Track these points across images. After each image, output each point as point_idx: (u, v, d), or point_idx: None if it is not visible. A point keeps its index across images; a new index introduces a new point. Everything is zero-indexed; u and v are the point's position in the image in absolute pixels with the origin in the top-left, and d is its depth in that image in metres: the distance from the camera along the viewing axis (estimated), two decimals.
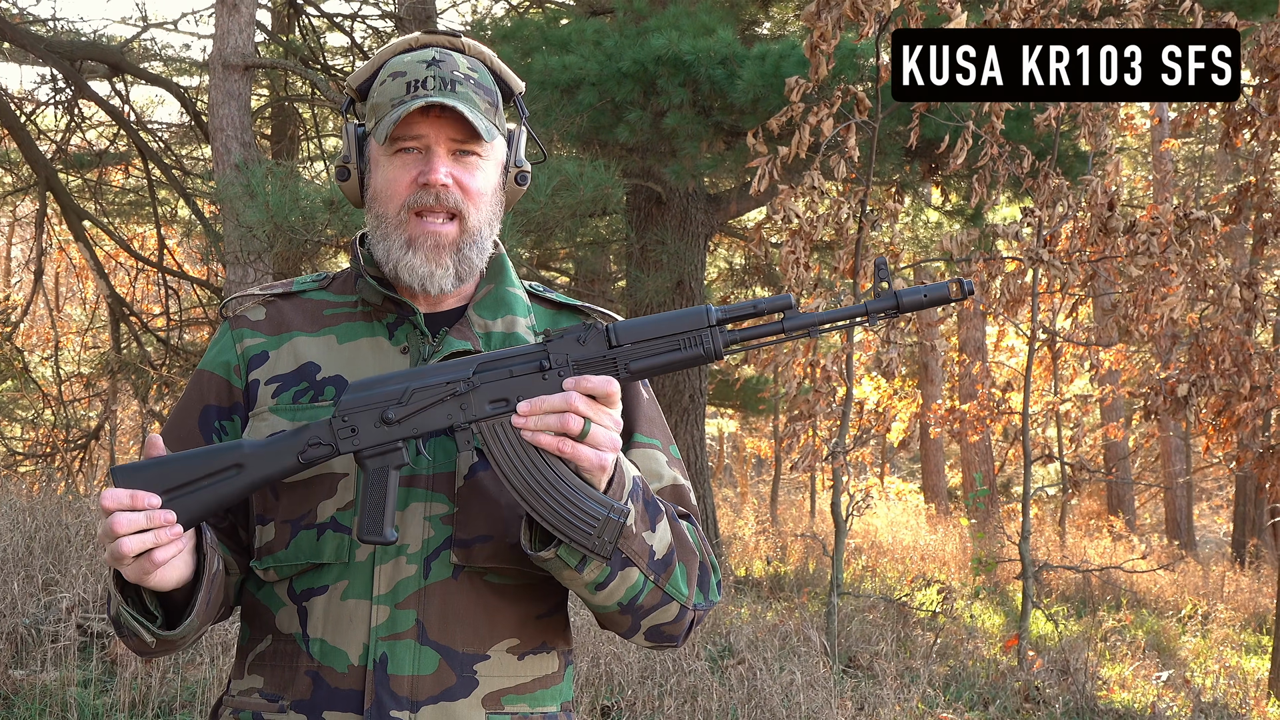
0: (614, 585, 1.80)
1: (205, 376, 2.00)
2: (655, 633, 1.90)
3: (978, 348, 19.98)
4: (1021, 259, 7.70)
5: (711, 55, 8.64)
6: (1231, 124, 7.75)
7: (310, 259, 8.56)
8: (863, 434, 12.94)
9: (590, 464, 1.71)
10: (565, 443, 1.70)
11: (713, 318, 1.77)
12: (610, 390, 1.71)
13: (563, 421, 1.69)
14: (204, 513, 1.75)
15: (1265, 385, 8.09)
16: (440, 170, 1.91)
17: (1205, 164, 21.74)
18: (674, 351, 1.77)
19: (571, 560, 1.76)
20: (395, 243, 1.93)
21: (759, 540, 14.27)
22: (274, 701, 1.88)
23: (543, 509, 1.72)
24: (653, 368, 1.78)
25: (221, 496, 1.75)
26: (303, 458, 1.76)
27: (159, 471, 1.74)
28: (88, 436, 11.65)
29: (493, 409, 1.75)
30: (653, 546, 1.81)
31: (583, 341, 1.76)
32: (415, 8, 10.68)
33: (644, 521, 1.80)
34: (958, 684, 7.75)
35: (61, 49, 10.89)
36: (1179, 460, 20.61)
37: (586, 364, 1.76)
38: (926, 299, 1.78)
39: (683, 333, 1.77)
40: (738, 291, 15.08)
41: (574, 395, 1.70)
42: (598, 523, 1.72)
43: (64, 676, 5.34)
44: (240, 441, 1.78)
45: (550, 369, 1.75)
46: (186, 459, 1.76)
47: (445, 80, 1.92)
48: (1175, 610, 12.68)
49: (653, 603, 1.84)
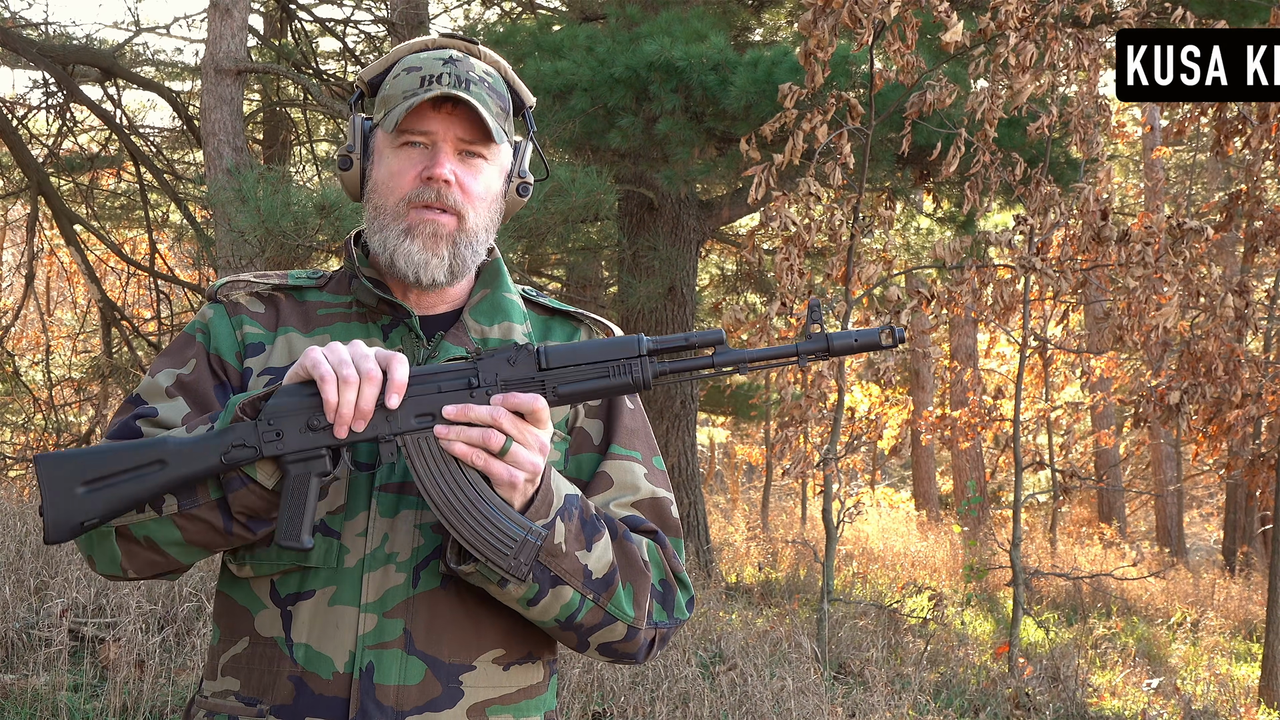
0: (546, 602, 1.80)
1: (213, 359, 1.96)
2: (607, 649, 1.90)
3: (969, 355, 20.00)
4: (1013, 266, 7.71)
5: (704, 61, 8.65)
6: (1223, 132, 7.78)
7: (302, 264, 8.55)
8: (854, 440, 12.95)
9: (501, 480, 1.71)
10: (478, 454, 1.70)
11: (644, 348, 1.78)
12: (537, 408, 1.71)
13: (484, 436, 1.69)
14: (124, 506, 1.74)
15: (1256, 393, 8.12)
16: (445, 166, 1.91)
17: (1197, 171, 21.80)
18: (602, 378, 1.78)
19: (491, 578, 1.76)
20: (393, 231, 1.92)
21: (750, 546, 14.27)
22: (252, 705, 1.86)
23: (461, 527, 1.72)
24: (580, 393, 1.78)
25: (143, 490, 1.74)
26: (225, 458, 1.73)
27: (80, 463, 1.74)
28: (78, 441, 11.62)
29: (418, 423, 1.75)
30: (587, 566, 1.80)
31: (512, 362, 1.77)
32: (408, 13, 10.69)
33: (578, 541, 1.79)
34: (948, 691, 7.75)
35: (53, 53, 10.87)
36: (1170, 467, 20.64)
37: (515, 384, 1.76)
38: (857, 344, 1.78)
39: (613, 360, 1.78)
40: (730, 297, 15.09)
41: (500, 411, 1.70)
42: (514, 544, 1.72)
43: (55, 681, 5.32)
44: (165, 437, 1.75)
45: (479, 387, 1.75)
46: (109, 451, 1.75)
47: (460, 78, 1.92)
48: (1166, 617, 12.70)
49: (594, 621, 1.84)
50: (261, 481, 1.75)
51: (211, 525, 1.78)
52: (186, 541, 1.80)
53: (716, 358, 1.80)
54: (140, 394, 1.94)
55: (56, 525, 1.75)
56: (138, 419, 1.89)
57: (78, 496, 1.74)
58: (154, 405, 1.91)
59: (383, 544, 1.85)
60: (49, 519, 1.74)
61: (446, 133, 1.92)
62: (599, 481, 1.96)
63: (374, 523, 1.86)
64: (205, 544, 1.81)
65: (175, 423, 1.88)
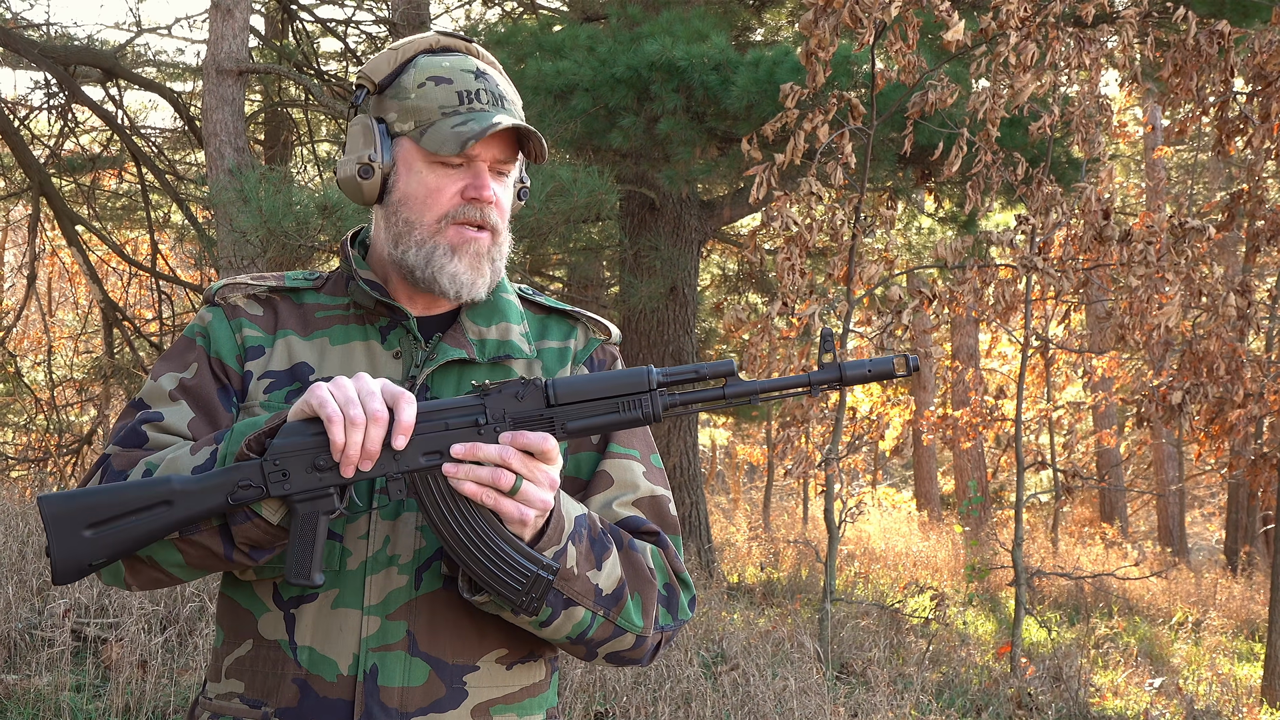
0: (559, 623, 1.81)
1: (214, 363, 1.96)
2: (614, 658, 1.91)
3: (970, 354, 20.00)
4: (1015, 266, 7.71)
5: (705, 61, 8.64)
6: (1224, 131, 7.77)
7: (304, 264, 8.55)
8: (856, 440, 12.95)
9: (511, 518, 1.70)
10: (488, 493, 1.69)
11: (654, 381, 1.77)
12: (547, 448, 1.70)
13: (494, 476, 1.69)
14: (130, 547, 1.73)
15: (1258, 393, 8.11)
16: (491, 187, 1.91)
17: (1198, 171, 21.80)
18: (612, 414, 1.77)
19: (505, 606, 1.77)
20: (438, 249, 1.91)
21: (751, 547, 14.27)
22: (256, 708, 1.86)
23: (473, 563, 1.72)
24: (590, 428, 1.77)
25: (150, 530, 1.73)
26: (232, 499, 1.72)
27: (88, 502, 1.73)
28: (80, 441, 11.61)
29: (426, 461, 1.73)
30: (598, 585, 1.81)
31: (520, 397, 1.75)
32: (409, 13, 10.69)
33: (588, 561, 1.80)
34: (950, 691, 7.75)
35: (55, 54, 10.87)
36: (1172, 467, 20.64)
37: (523, 420, 1.75)
38: (870, 373, 1.78)
39: (623, 395, 1.77)
40: (731, 297, 15.08)
41: (510, 450, 1.69)
42: (526, 579, 1.72)
43: (57, 681, 5.32)
44: (169, 477, 1.74)
45: (487, 424, 1.74)
46: (115, 491, 1.73)
47: (496, 96, 1.93)
48: (1168, 617, 12.69)
49: (604, 635, 1.85)
50: (267, 518, 1.75)
51: (212, 551, 1.78)
52: (188, 564, 1.80)
53: (728, 389, 1.79)
54: (143, 398, 1.94)
55: (64, 567, 1.73)
56: (144, 424, 1.88)
57: (84, 538, 1.73)
58: (158, 409, 1.91)
59: (384, 546, 1.85)
60: (56, 560, 1.73)
61: (487, 153, 1.92)
62: (599, 480, 1.95)
63: (375, 526, 1.86)
64: (206, 567, 1.81)
65: (180, 428, 1.88)
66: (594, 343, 2.07)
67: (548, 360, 2.01)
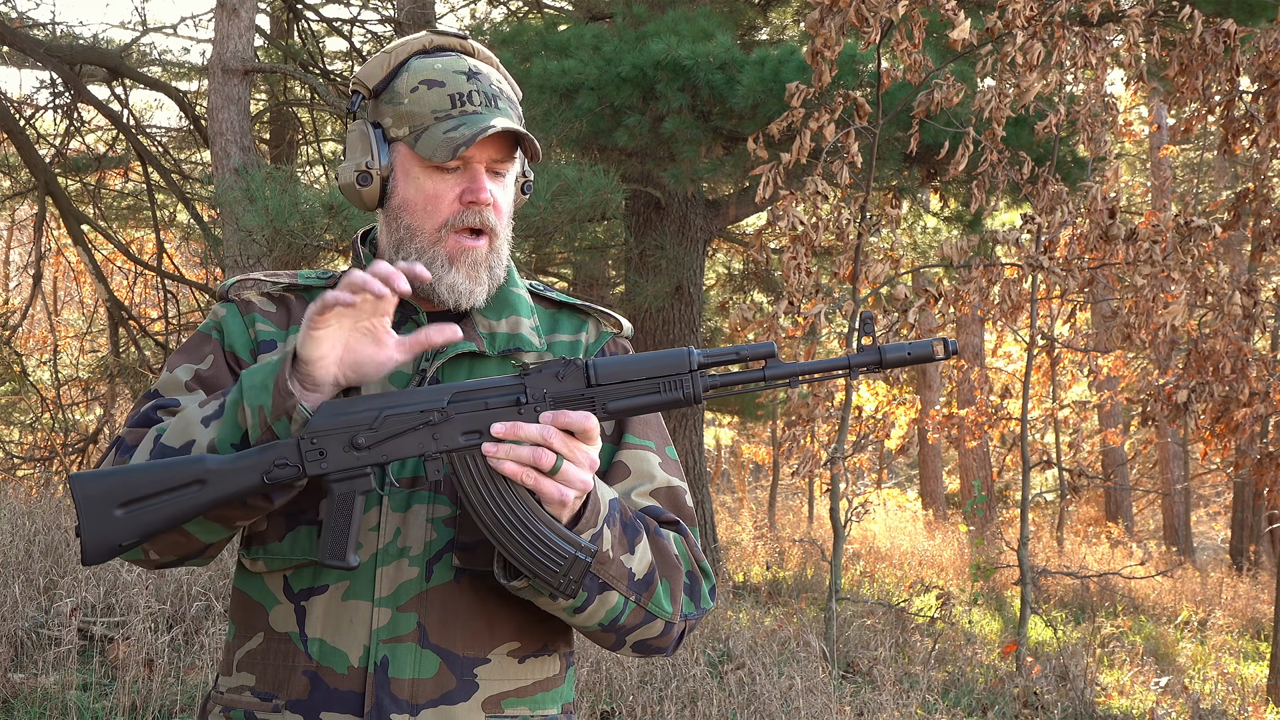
0: (593, 608, 1.80)
1: (229, 356, 1.97)
2: (641, 646, 1.90)
3: (976, 354, 19.98)
4: (1020, 265, 7.71)
5: (710, 60, 8.64)
6: (1230, 130, 7.76)
7: (310, 263, 8.56)
8: (861, 440, 12.94)
9: (551, 498, 1.70)
10: (528, 473, 1.68)
11: (694, 361, 1.75)
12: (588, 426, 1.69)
13: (535, 455, 1.68)
14: (162, 527, 1.73)
15: (1264, 392, 8.10)
16: (488, 190, 1.90)
17: (1204, 170, 21.78)
18: (653, 394, 1.76)
19: (542, 591, 1.76)
20: (436, 259, 1.91)
21: (757, 546, 14.28)
22: (267, 700, 1.86)
23: (511, 545, 1.71)
24: (631, 408, 1.76)
25: (181, 511, 1.72)
26: (268, 478, 1.71)
27: (121, 480, 1.72)
28: (86, 440, 11.63)
29: (465, 440, 1.72)
30: (631, 569, 1.80)
31: (561, 377, 1.74)
32: (414, 12, 10.70)
33: (621, 545, 1.79)
34: (956, 690, 7.75)
35: (61, 53, 10.89)
36: (1177, 466, 20.62)
37: (563, 400, 1.74)
38: (910, 356, 1.76)
39: (663, 375, 1.76)
40: (737, 296, 15.08)
41: (551, 429, 1.68)
42: (564, 562, 1.71)
43: (64, 680, 5.33)
44: (204, 455, 1.73)
45: (527, 403, 1.73)
46: (147, 470, 1.72)
47: (488, 96, 1.92)
48: (1173, 616, 12.68)
49: (635, 622, 1.84)
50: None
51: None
52: (206, 516, 1.78)
53: (768, 371, 1.77)
54: (159, 389, 1.94)
55: (95, 547, 1.73)
56: (159, 409, 1.88)
57: (115, 518, 1.72)
58: (174, 397, 1.91)
59: (395, 538, 1.85)
60: (87, 541, 1.72)
61: (482, 154, 1.91)
62: (616, 471, 1.95)
63: (386, 517, 1.86)
64: (225, 519, 1.79)
65: None
66: (606, 336, 2.06)
67: (558, 353, 2.00)
